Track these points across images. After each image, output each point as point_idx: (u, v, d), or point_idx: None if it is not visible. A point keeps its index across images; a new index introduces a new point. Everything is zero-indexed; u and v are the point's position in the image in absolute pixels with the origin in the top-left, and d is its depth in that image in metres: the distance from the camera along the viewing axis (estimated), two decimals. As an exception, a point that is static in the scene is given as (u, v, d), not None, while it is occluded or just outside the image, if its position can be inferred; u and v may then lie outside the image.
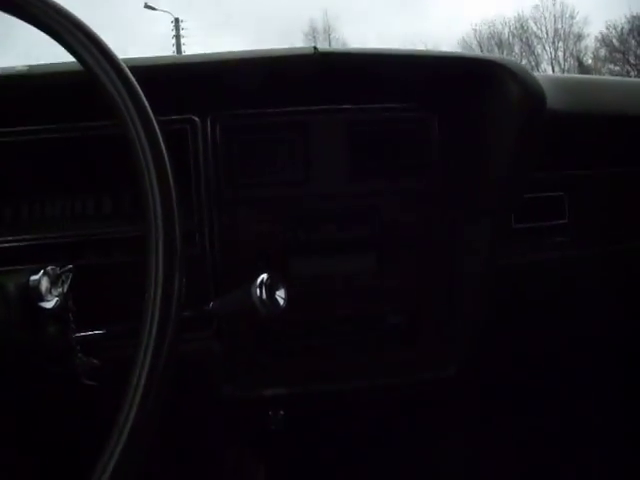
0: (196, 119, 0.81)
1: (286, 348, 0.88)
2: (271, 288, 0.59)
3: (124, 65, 0.47)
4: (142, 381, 0.41)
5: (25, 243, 0.78)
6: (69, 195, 0.81)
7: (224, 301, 0.64)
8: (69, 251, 0.80)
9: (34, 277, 0.58)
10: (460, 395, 0.97)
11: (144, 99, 0.47)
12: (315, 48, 0.75)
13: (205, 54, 0.80)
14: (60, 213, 0.80)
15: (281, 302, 0.60)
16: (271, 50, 0.78)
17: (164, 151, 0.46)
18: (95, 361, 0.64)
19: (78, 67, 0.68)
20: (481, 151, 0.82)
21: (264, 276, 0.58)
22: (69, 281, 0.63)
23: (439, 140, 0.87)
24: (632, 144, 0.94)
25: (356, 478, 1.03)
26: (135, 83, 0.47)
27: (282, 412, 0.90)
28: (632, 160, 0.96)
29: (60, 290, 0.61)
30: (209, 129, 0.82)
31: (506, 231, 0.91)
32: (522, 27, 24.12)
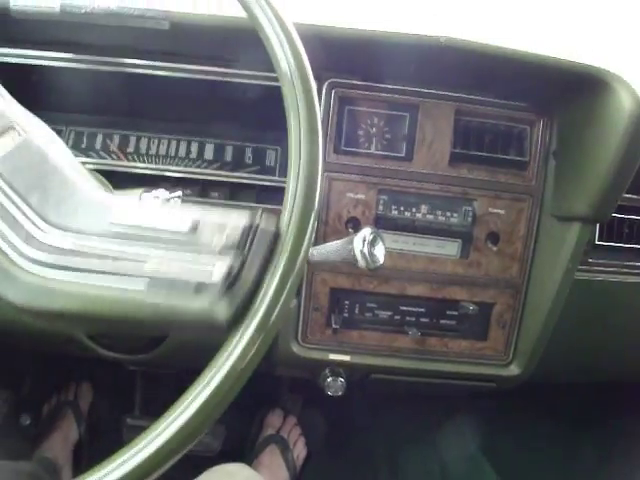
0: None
1: (358, 317, 0.90)
2: (372, 243, 0.60)
3: (290, 22, 0.50)
4: (263, 306, 0.42)
5: (141, 171, 0.86)
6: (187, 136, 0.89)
7: (324, 250, 0.65)
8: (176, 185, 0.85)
9: (146, 196, 0.61)
10: (515, 396, 0.97)
11: (305, 57, 0.49)
12: (442, 36, 0.77)
13: (335, 25, 0.83)
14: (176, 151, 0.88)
15: (380, 259, 0.61)
16: (400, 32, 0.79)
17: (317, 111, 0.48)
18: None
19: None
20: (583, 158, 0.83)
21: (367, 230, 0.59)
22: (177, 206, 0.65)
23: (542, 142, 0.88)
24: None
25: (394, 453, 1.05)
26: (299, 40, 0.49)
27: (342, 379, 0.91)
28: None
29: None
30: (324, 93, 0.85)
31: (589, 244, 0.91)
32: None
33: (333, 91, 0.85)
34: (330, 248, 0.65)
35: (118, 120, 0.90)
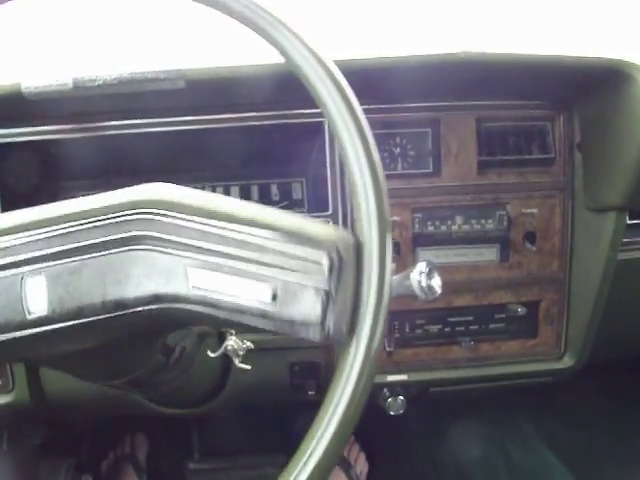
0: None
1: (410, 335, 0.90)
2: (429, 275, 0.60)
3: (328, 58, 0.49)
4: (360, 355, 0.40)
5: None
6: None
7: None
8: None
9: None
10: (573, 387, 0.99)
11: (351, 91, 0.48)
12: (460, 52, 0.77)
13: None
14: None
15: (438, 289, 0.62)
16: (417, 54, 0.79)
17: (372, 141, 0.47)
18: (249, 343, 0.66)
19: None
20: (608, 148, 0.83)
21: (423, 264, 0.60)
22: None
23: (565, 136, 0.89)
24: None
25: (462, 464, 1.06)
26: (340, 75, 0.48)
27: (402, 398, 0.92)
28: None
29: None
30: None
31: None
32: None
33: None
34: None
35: (142, 178, 0.89)
